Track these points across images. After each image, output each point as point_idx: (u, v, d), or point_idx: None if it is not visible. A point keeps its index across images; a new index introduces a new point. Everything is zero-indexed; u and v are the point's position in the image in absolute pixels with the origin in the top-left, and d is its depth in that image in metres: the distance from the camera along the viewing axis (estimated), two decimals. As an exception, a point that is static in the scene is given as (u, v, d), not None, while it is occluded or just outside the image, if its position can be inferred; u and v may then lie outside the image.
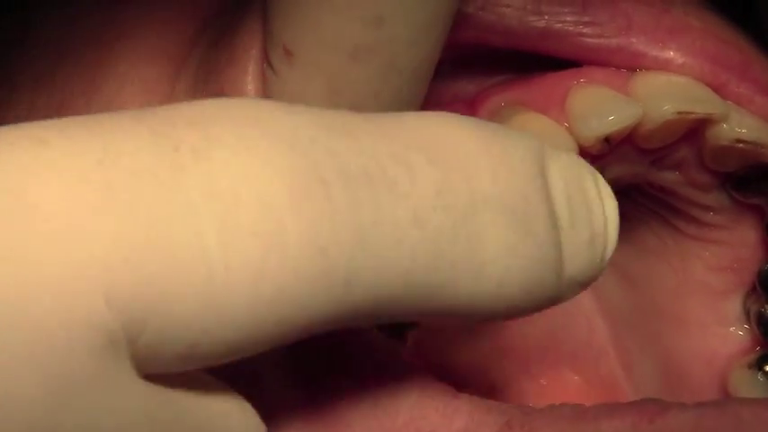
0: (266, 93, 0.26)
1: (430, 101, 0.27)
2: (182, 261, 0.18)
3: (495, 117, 0.31)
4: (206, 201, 0.18)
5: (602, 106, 0.30)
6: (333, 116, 0.21)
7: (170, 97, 0.29)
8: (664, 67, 0.30)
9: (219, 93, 0.27)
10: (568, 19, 0.30)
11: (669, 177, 0.32)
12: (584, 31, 0.30)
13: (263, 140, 0.19)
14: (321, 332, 0.21)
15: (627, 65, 0.31)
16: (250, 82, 0.27)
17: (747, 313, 0.34)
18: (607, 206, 0.24)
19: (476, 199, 0.22)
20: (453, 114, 0.23)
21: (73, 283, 0.17)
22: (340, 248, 0.20)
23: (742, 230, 0.33)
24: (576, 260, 0.23)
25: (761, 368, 0.33)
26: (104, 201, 0.17)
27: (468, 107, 0.31)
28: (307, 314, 0.20)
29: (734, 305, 0.34)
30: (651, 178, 0.33)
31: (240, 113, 0.20)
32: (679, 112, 0.30)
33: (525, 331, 0.39)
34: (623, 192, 0.35)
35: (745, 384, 0.33)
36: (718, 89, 0.30)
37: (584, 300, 0.38)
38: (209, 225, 0.18)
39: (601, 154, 0.31)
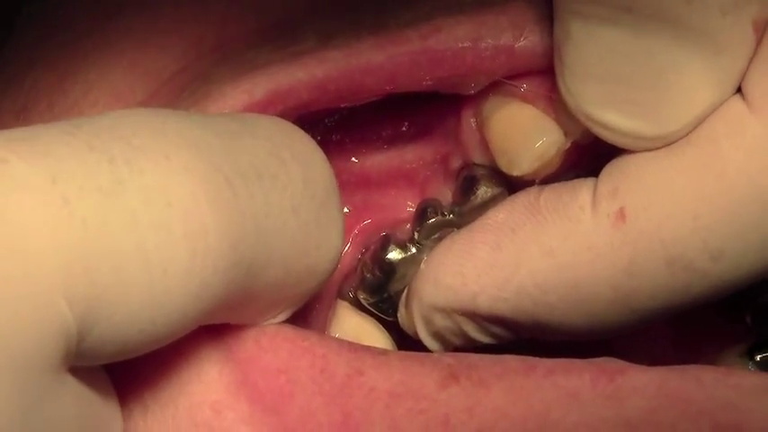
0: None
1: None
2: (128, 269, 0.20)
3: (482, 108, 0.32)
4: (144, 210, 0.20)
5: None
6: (207, 120, 0.23)
7: (143, 106, 0.30)
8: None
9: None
10: None
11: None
12: None
13: (177, 149, 0.21)
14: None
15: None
16: None
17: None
18: None
19: (328, 188, 0.25)
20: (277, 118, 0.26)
21: (40, 290, 0.19)
22: (244, 241, 0.22)
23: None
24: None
25: (752, 357, 0.33)
26: (63, 216, 0.19)
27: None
28: (219, 302, 0.22)
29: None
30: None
31: (149, 124, 0.22)
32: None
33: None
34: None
35: (736, 373, 0.33)
36: None
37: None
38: (148, 233, 0.20)
39: (593, 142, 0.31)
